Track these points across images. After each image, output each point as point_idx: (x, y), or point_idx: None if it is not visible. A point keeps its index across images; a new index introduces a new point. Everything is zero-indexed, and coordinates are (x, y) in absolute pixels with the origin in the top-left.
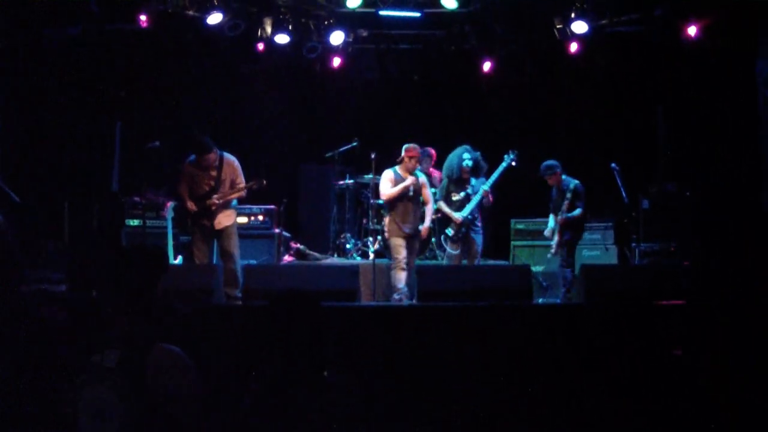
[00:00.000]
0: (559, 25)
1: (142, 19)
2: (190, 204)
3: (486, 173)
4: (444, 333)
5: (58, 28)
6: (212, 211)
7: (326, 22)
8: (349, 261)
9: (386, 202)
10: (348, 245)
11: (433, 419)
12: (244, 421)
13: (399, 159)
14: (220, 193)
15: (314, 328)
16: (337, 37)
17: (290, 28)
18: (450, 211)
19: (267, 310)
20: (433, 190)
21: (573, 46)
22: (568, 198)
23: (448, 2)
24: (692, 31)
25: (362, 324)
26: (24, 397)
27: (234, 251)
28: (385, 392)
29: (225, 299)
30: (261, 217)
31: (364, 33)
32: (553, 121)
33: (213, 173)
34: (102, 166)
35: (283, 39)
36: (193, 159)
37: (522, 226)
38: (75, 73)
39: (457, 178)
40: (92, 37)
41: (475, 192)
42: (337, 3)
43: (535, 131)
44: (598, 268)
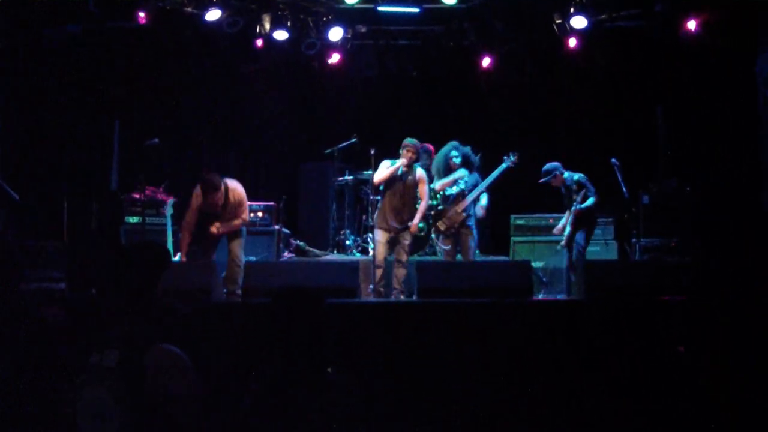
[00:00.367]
0: (558, 21)
1: (141, 16)
2: (184, 248)
3: (484, 172)
4: (444, 330)
5: (58, 28)
6: (215, 236)
7: (325, 19)
8: (349, 257)
9: (377, 191)
10: (348, 242)
11: (434, 418)
12: (244, 421)
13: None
14: (223, 222)
15: (318, 325)
16: (336, 34)
17: (289, 24)
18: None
19: (269, 307)
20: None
21: (572, 42)
22: (575, 191)
23: None
24: (692, 26)
25: (362, 320)
26: (23, 397)
27: (240, 252)
28: (385, 390)
29: (225, 295)
30: (261, 214)
31: (363, 29)
32: (553, 118)
33: (219, 203)
34: (101, 165)
35: (281, 35)
36: (199, 191)
37: (522, 222)
38: (73, 71)
39: (446, 174)
40: (91, 35)
41: (469, 188)
42: None
43: (535, 127)
44: (599, 264)
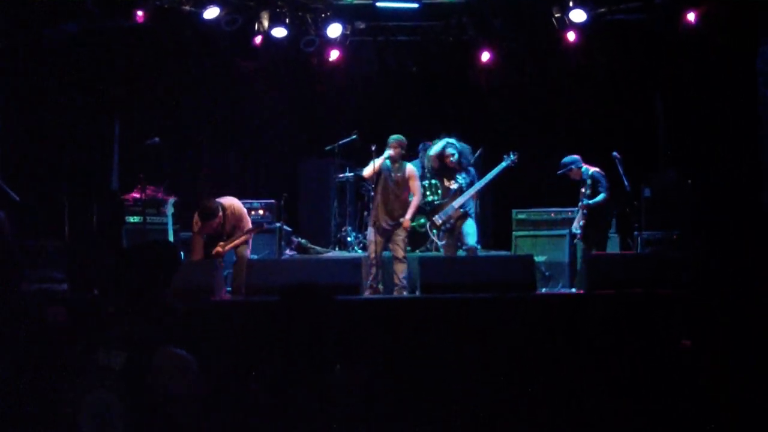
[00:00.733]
0: (557, 14)
1: (139, 15)
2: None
3: (484, 168)
4: (448, 325)
5: (56, 27)
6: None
7: (323, 15)
8: (351, 254)
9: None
10: (349, 238)
11: (438, 414)
12: (246, 420)
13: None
14: (226, 240)
15: (325, 322)
16: (335, 30)
17: (287, 21)
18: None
19: (277, 305)
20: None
21: (571, 36)
22: (588, 186)
23: None
24: (691, 18)
25: (365, 317)
26: (24, 397)
27: (247, 251)
28: (388, 386)
29: (230, 294)
30: (262, 212)
31: (362, 25)
32: (553, 112)
33: (219, 225)
34: (101, 164)
35: (280, 33)
36: (197, 218)
37: (523, 216)
38: (73, 71)
39: (440, 168)
40: (90, 35)
41: (468, 183)
42: None
43: (535, 122)
44: (601, 257)
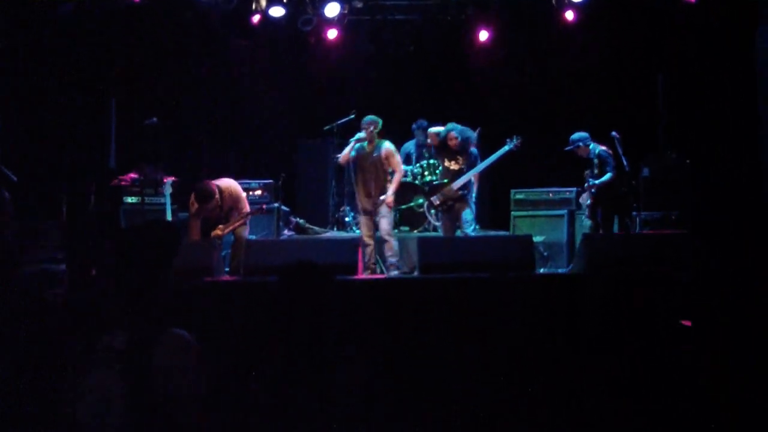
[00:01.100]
0: None
1: None
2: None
3: (483, 148)
4: (447, 305)
5: (51, 5)
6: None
7: None
8: (349, 234)
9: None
10: (347, 218)
11: (436, 392)
12: (244, 403)
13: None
14: (225, 225)
15: (326, 302)
16: (332, 9)
17: (285, 0)
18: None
19: (276, 285)
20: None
21: (569, 15)
22: (595, 165)
23: None
24: None
25: (364, 297)
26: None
27: (245, 232)
28: (386, 368)
29: (229, 273)
30: (260, 192)
31: (359, 4)
32: (552, 91)
33: (217, 207)
34: (99, 144)
35: (278, 12)
36: (194, 199)
37: (522, 196)
38: (69, 51)
39: (441, 148)
40: (87, 14)
41: (469, 165)
42: None
43: (533, 101)
44: (600, 237)
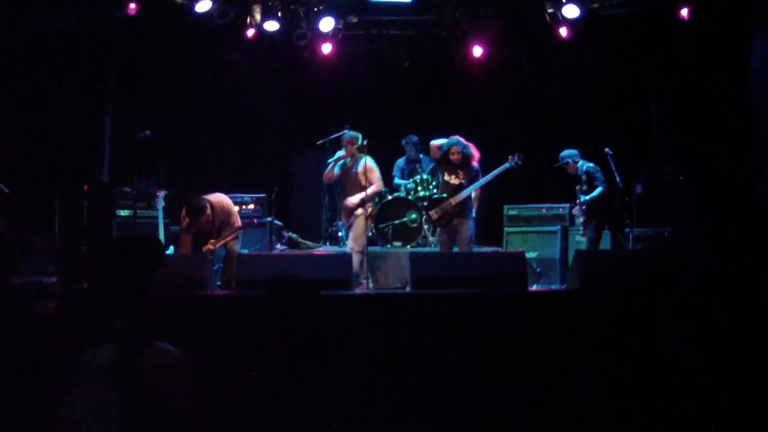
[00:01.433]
0: (550, 10)
1: (131, 7)
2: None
3: (484, 170)
4: (439, 321)
5: (48, 19)
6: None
7: (316, 9)
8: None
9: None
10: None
11: (429, 408)
12: (234, 416)
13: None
14: (217, 239)
15: (312, 316)
16: (327, 24)
17: (279, 15)
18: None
19: (263, 299)
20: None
21: (563, 31)
22: (583, 181)
23: None
24: (685, 12)
25: (356, 312)
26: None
27: (237, 245)
28: (379, 381)
29: (220, 287)
30: (252, 206)
31: (354, 19)
32: (546, 107)
33: (208, 222)
34: (92, 157)
35: (272, 26)
36: (185, 213)
37: (515, 212)
38: (64, 64)
39: (442, 162)
40: (81, 26)
41: (470, 180)
42: None
43: (528, 117)
44: (592, 254)
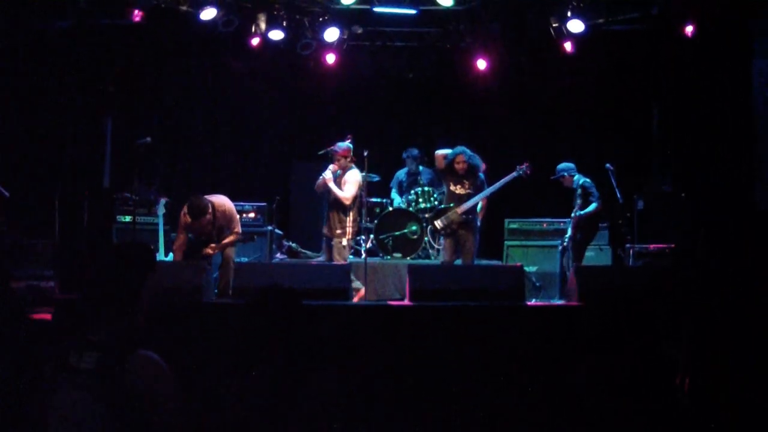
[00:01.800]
0: (555, 24)
1: (135, 14)
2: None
3: (489, 179)
4: (436, 332)
5: (49, 23)
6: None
7: (321, 19)
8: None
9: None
10: None
11: (424, 416)
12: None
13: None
14: (216, 241)
15: (294, 326)
16: (332, 34)
17: (284, 24)
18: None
19: (243, 308)
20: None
21: (568, 46)
22: (578, 195)
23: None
24: (689, 30)
25: (353, 322)
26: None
27: (233, 253)
28: (376, 391)
29: (217, 296)
30: (253, 215)
31: (359, 30)
32: (548, 121)
33: (209, 225)
34: (93, 163)
35: (277, 35)
36: (186, 211)
37: (515, 226)
38: (66, 69)
39: (447, 171)
40: (83, 31)
41: (476, 190)
42: None
43: (530, 130)
44: (591, 269)
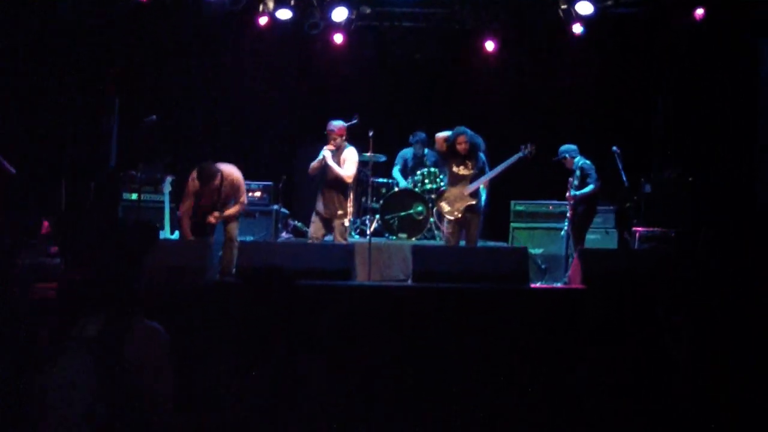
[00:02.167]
0: (563, 6)
1: None
2: (187, 233)
3: (491, 162)
4: (438, 314)
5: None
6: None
7: None
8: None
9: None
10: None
11: (427, 402)
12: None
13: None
14: (221, 209)
15: (287, 306)
16: (340, 14)
17: (292, 3)
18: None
19: (238, 288)
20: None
21: (577, 28)
22: (576, 176)
23: None
24: (699, 13)
25: (356, 303)
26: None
27: (236, 232)
28: (377, 372)
29: (220, 275)
30: (259, 194)
31: (368, 10)
32: (554, 104)
33: (216, 190)
34: (100, 141)
35: (285, 14)
36: (196, 178)
37: (521, 208)
38: (73, 46)
39: (449, 153)
40: (90, 10)
41: (478, 170)
42: None
43: (536, 113)
44: (596, 252)
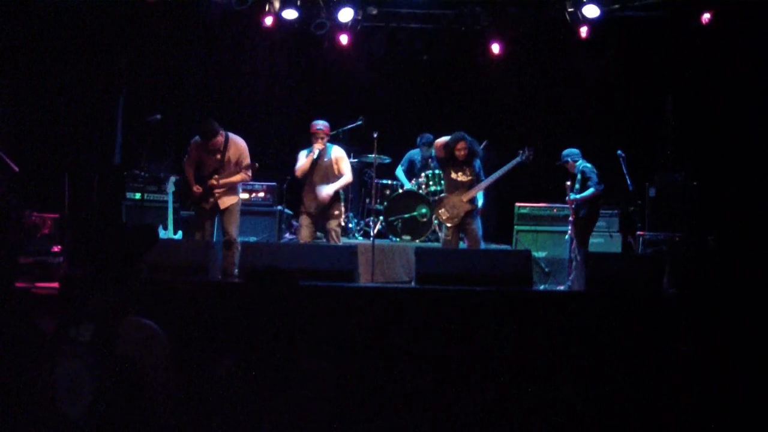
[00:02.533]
0: (570, 9)
1: None
2: (196, 188)
3: (489, 160)
4: (441, 317)
5: None
6: (215, 192)
7: None
8: (351, 241)
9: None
10: (350, 224)
11: (429, 404)
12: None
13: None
14: (223, 175)
15: (290, 307)
16: (346, 15)
17: (299, 3)
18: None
19: (240, 288)
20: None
21: (584, 31)
22: (578, 180)
23: None
24: (706, 17)
25: (359, 305)
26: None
27: (234, 230)
28: (379, 374)
29: (222, 275)
30: (263, 194)
31: (374, 11)
32: (561, 107)
33: (218, 155)
34: (104, 139)
35: (291, 14)
36: (198, 139)
37: (526, 211)
38: (78, 43)
39: (447, 159)
40: (96, 6)
41: (477, 176)
42: None
43: (542, 116)
44: (599, 256)
